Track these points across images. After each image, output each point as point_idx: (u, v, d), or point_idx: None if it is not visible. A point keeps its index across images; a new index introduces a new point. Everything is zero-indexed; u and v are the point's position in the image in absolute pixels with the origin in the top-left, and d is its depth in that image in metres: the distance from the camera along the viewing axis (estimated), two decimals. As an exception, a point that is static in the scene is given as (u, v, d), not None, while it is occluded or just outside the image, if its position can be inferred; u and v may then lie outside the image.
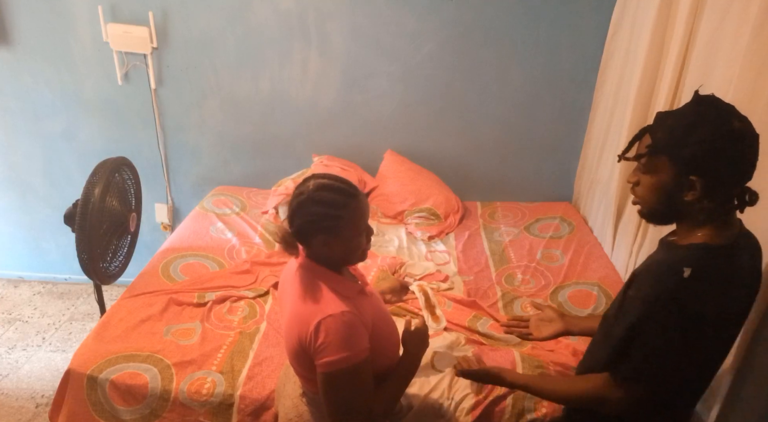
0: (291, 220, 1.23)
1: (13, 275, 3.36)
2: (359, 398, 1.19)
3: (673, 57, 1.97)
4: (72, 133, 2.97)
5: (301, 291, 1.23)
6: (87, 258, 1.94)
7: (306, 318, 1.18)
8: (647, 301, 1.10)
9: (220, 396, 1.63)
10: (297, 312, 1.21)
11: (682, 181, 1.09)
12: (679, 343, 1.08)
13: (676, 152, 1.08)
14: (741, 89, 1.54)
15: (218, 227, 2.57)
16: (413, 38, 2.73)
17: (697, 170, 1.07)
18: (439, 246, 2.56)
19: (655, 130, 1.13)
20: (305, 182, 1.23)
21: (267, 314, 1.99)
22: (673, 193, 1.12)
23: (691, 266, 1.07)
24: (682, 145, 1.07)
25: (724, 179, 1.08)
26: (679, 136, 1.08)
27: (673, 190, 1.11)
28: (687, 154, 1.07)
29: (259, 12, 2.70)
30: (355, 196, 1.22)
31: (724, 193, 1.10)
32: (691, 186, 1.08)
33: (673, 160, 1.09)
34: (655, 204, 1.16)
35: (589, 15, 2.65)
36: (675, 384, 1.15)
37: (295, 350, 1.22)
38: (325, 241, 1.20)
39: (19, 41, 2.76)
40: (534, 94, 2.82)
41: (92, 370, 1.66)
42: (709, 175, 1.07)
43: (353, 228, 1.21)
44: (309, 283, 1.23)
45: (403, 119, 2.91)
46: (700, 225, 1.13)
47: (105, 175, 1.97)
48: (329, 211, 1.18)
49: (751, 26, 1.50)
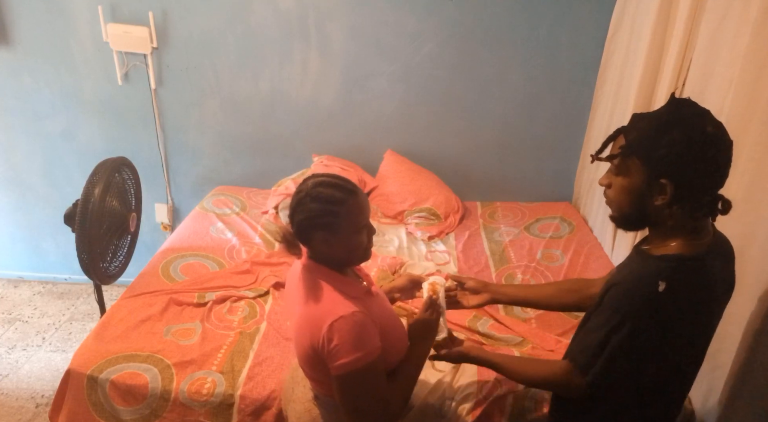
0: (291, 218, 1.23)
1: (13, 275, 3.36)
2: (375, 395, 1.20)
3: (673, 57, 1.97)
4: (72, 133, 2.97)
5: (307, 293, 1.22)
6: (87, 258, 1.94)
7: (316, 322, 1.17)
8: (620, 312, 1.10)
9: (220, 396, 1.63)
10: (306, 316, 1.21)
11: (652, 184, 1.08)
12: (646, 352, 1.10)
13: (647, 154, 1.07)
14: (741, 89, 1.54)
15: (218, 227, 2.57)
16: (413, 38, 2.73)
17: (667, 173, 1.05)
18: (439, 246, 2.56)
19: (629, 131, 1.12)
20: (305, 181, 1.24)
21: (267, 314, 1.99)
22: (643, 197, 1.10)
23: (665, 280, 1.06)
24: (654, 146, 1.05)
25: (694, 184, 1.06)
26: (652, 137, 1.06)
27: (644, 194, 1.10)
28: (658, 155, 1.05)
29: (259, 12, 2.70)
30: (353, 192, 1.22)
31: (695, 199, 1.07)
32: (661, 189, 1.07)
33: (644, 162, 1.08)
34: (626, 207, 1.15)
35: (589, 15, 2.65)
36: (639, 384, 1.17)
37: (306, 354, 1.21)
38: (325, 239, 1.20)
39: (19, 41, 2.76)
40: (534, 94, 2.82)
41: (92, 370, 1.66)
42: (679, 179, 1.05)
43: (352, 225, 1.21)
44: (314, 285, 1.23)
45: (403, 119, 2.91)
46: (672, 235, 1.12)
47: (105, 175, 1.97)
48: (327, 207, 1.18)
49: (751, 26, 1.50)
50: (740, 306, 1.53)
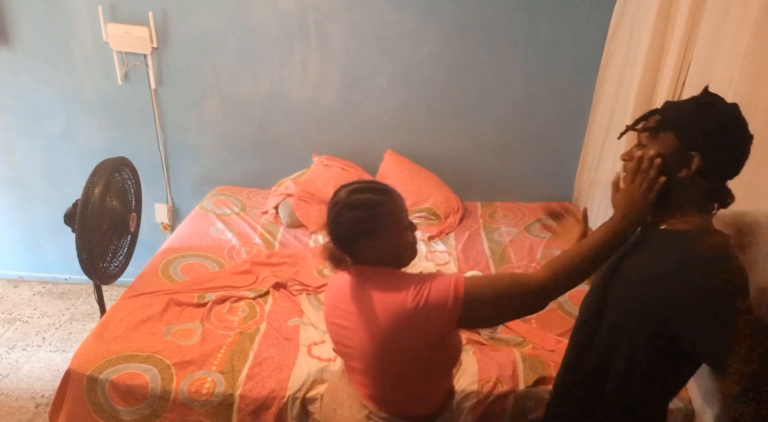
0: (332, 233, 1.20)
1: (13, 275, 3.36)
2: (503, 283, 1.14)
3: (673, 57, 1.97)
4: (72, 133, 2.97)
5: (369, 294, 1.17)
6: (87, 258, 1.94)
7: (395, 300, 1.13)
8: (693, 297, 1.05)
9: (220, 396, 1.63)
10: (385, 299, 1.15)
11: (681, 155, 1.10)
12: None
13: (684, 126, 1.11)
14: (741, 89, 1.54)
15: (218, 227, 2.57)
16: (413, 38, 2.73)
17: (700, 147, 1.09)
18: (439, 246, 2.56)
19: (665, 111, 1.16)
20: (336, 193, 1.21)
21: (267, 314, 1.99)
22: (668, 167, 1.12)
23: (716, 247, 1.09)
24: (693, 121, 1.11)
25: (719, 163, 1.10)
26: (691, 113, 1.12)
27: (670, 164, 1.12)
28: (695, 129, 1.10)
29: (259, 12, 2.70)
30: (388, 192, 1.20)
31: (713, 181, 1.12)
32: (688, 161, 1.09)
33: (678, 134, 1.11)
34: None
35: (589, 15, 2.65)
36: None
37: (389, 346, 1.15)
38: (371, 245, 1.17)
39: (19, 41, 2.76)
40: (534, 94, 2.82)
41: (92, 370, 1.66)
42: (708, 154, 1.09)
43: (394, 225, 1.19)
44: (380, 277, 1.18)
45: (403, 119, 2.91)
46: (690, 210, 1.13)
47: (105, 175, 1.97)
48: (367, 212, 1.16)
49: (751, 26, 1.50)
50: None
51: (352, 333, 1.21)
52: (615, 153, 2.45)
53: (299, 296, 2.13)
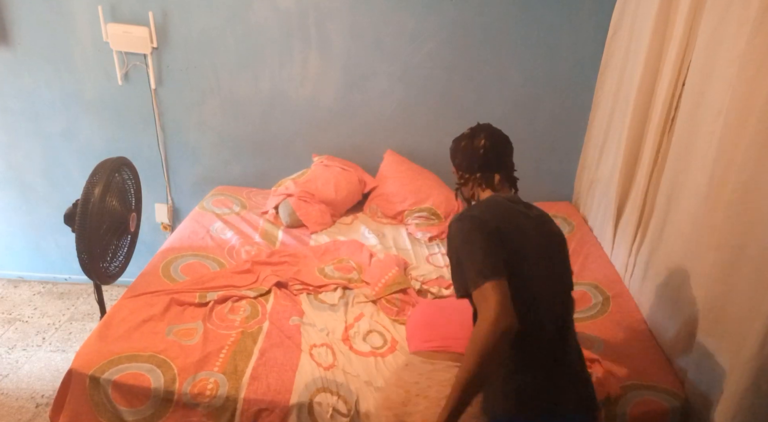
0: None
1: (13, 275, 3.36)
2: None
3: (673, 57, 1.97)
4: (72, 133, 2.97)
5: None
6: (87, 258, 1.94)
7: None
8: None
9: (223, 397, 1.63)
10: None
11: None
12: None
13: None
14: (740, 89, 1.54)
15: (218, 227, 2.57)
16: (413, 38, 2.73)
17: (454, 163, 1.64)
18: (441, 248, 2.56)
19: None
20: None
21: (269, 313, 1.99)
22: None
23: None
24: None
25: (461, 168, 1.60)
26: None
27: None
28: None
29: (259, 12, 2.70)
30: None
31: (468, 178, 1.59)
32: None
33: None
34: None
35: (589, 15, 2.66)
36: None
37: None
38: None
39: (19, 41, 2.76)
40: (534, 94, 2.82)
41: (95, 370, 1.66)
42: (455, 165, 1.63)
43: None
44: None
45: (403, 119, 2.91)
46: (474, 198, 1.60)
47: (105, 175, 1.97)
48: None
49: (750, 26, 1.50)
50: (738, 304, 1.54)
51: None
52: (615, 153, 2.46)
53: (300, 296, 2.13)
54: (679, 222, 1.90)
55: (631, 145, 2.28)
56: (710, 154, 1.69)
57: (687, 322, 1.77)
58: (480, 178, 1.55)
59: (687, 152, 1.87)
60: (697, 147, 1.80)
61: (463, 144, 1.59)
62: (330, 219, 2.73)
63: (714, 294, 1.64)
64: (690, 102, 1.88)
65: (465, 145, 1.59)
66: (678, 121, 1.97)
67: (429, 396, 1.41)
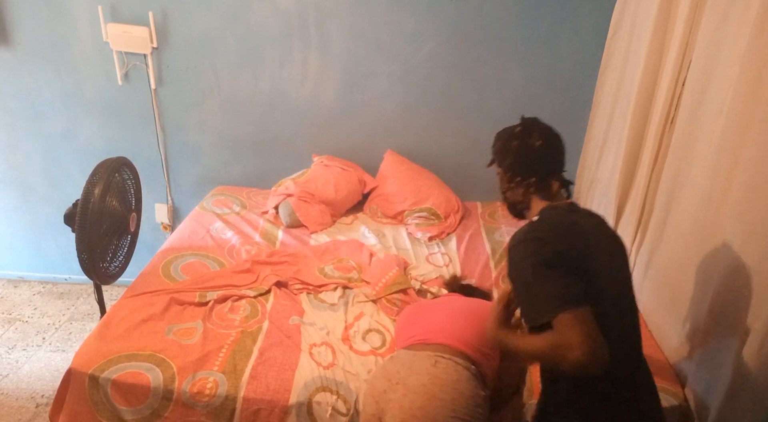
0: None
1: (13, 275, 3.36)
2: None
3: (673, 57, 1.97)
4: (72, 133, 2.97)
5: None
6: (87, 258, 1.94)
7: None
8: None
9: (222, 396, 1.63)
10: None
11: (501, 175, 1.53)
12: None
13: (494, 152, 1.54)
14: (741, 89, 1.54)
15: (218, 227, 2.57)
16: (413, 38, 2.73)
17: (499, 163, 1.54)
18: (441, 248, 2.56)
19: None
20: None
21: (269, 313, 1.99)
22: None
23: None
24: (493, 145, 1.53)
25: (514, 169, 1.48)
26: (495, 141, 1.53)
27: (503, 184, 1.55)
28: (494, 151, 1.54)
29: (259, 12, 2.70)
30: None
31: (520, 182, 1.46)
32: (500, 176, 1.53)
33: (495, 160, 1.54)
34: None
35: (589, 15, 2.66)
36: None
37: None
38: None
39: (19, 41, 2.76)
40: (534, 94, 2.82)
41: (94, 370, 1.66)
42: (503, 166, 1.53)
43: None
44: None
45: (403, 119, 2.91)
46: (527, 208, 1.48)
47: (105, 175, 1.97)
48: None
49: (751, 26, 1.50)
50: (739, 305, 1.54)
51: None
52: (615, 153, 2.46)
53: (300, 295, 2.13)
54: (679, 222, 1.90)
55: (631, 145, 2.27)
56: (711, 154, 1.68)
57: (687, 322, 1.77)
58: (535, 183, 1.40)
59: (687, 152, 1.87)
60: (698, 147, 1.80)
61: (515, 144, 1.41)
62: (330, 219, 2.73)
63: (714, 294, 1.63)
64: (690, 102, 1.87)
65: (518, 146, 1.41)
66: (678, 120, 1.96)
67: (407, 384, 1.43)
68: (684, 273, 1.81)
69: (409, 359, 1.51)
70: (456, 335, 1.56)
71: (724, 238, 1.58)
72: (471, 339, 1.55)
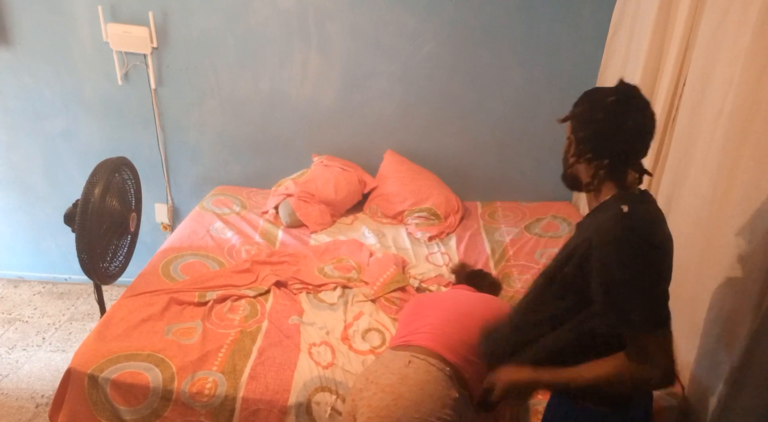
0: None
1: (13, 275, 3.36)
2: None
3: (673, 57, 1.97)
4: (72, 133, 2.97)
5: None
6: (87, 258, 1.94)
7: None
8: (599, 238, 1.11)
9: (221, 396, 1.63)
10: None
11: (571, 142, 1.32)
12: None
13: (573, 114, 1.30)
14: (742, 89, 1.54)
15: (218, 227, 2.57)
16: (413, 38, 2.73)
17: (574, 131, 1.28)
18: (440, 247, 2.56)
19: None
20: None
21: (268, 313, 1.99)
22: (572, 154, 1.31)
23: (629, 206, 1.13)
24: (575, 107, 1.28)
25: (591, 143, 1.22)
26: (578, 102, 1.29)
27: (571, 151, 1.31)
28: (574, 114, 1.29)
29: (259, 12, 2.70)
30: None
31: (593, 160, 1.23)
32: (569, 145, 1.31)
33: (572, 123, 1.31)
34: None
35: (589, 15, 2.66)
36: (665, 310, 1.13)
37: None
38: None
39: (19, 41, 2.76)
40: (534, 94, 2.82)
41: (93, 369, 1.66)
42: (577, 136, 1.28)
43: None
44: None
45: (403, 119, 2.91)
46: (600, 187, 1.24)
47: (105, 175, 1.97)
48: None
49: (751, 26, 1.50)
50: (739, 305, 1.54)
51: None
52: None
53: (299, 295, 2.13)
54: (679, 223, 1.89)
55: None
56: (711, 154, 1.68)
57: (686, 322, 1.76)
58: (607, 165, 1.18)
59: (687, 152, 1.87)
60: (698, 147, 1.80)
61: (601, 116, 1.15)
62: (330, 219, 2.73)
63: (714, 293, 1.63)
64: (690, 102, 1.87)
65: (603, 120, 1.15)
66: (678, 120, 1.96)
67: (379, 383, 1.43)
68: (684, 273, 1.81)
69: (389, 359, 1.51)
70: (442, 340, 1.53)
71: (725, 238, 1.58)
72: (456, 345, 1.52)
